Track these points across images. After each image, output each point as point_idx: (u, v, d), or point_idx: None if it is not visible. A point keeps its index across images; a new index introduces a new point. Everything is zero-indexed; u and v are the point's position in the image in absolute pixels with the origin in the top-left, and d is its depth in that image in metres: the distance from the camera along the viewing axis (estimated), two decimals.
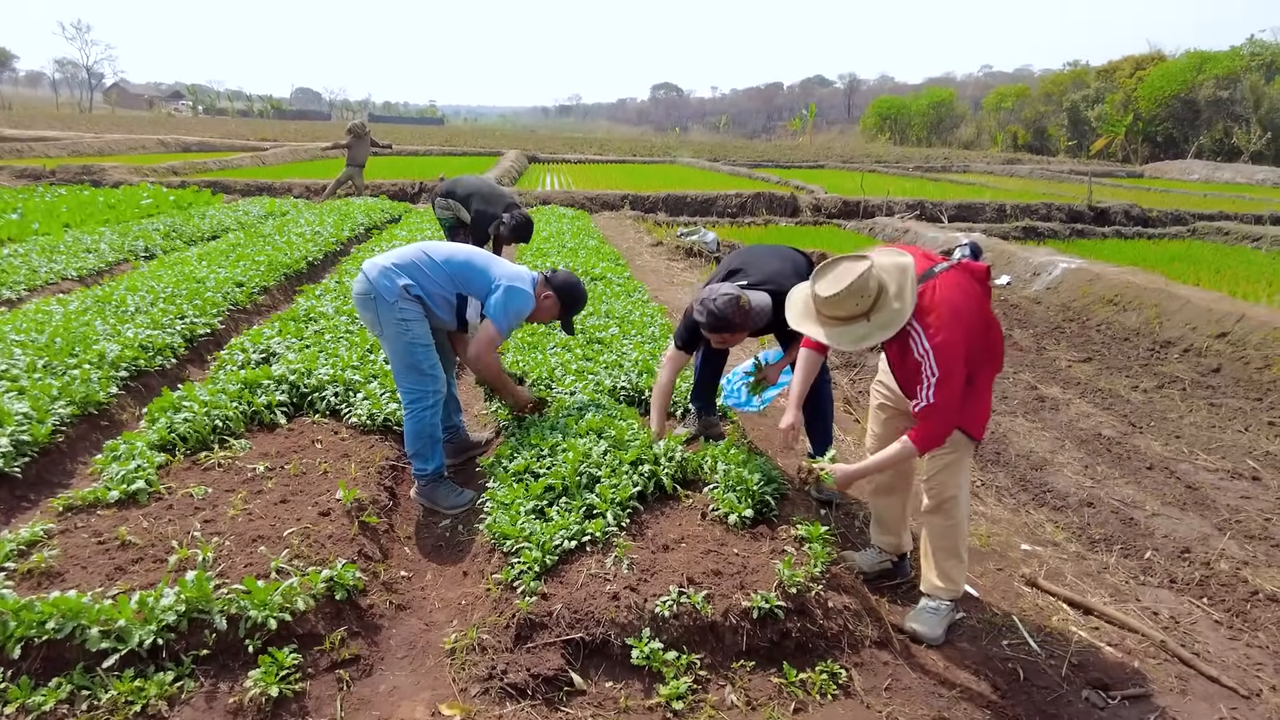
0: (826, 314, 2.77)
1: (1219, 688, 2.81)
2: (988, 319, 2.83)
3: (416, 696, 2.52)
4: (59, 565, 2.78)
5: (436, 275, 3.60)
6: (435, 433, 3.66)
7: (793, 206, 17.08)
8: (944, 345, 2.62)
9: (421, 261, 3.60)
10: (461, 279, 3.65)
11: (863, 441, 3.68)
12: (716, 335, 3.46)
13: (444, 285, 3.62)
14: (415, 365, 3.54)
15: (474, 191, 7.08)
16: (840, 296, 2.66)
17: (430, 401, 3.60)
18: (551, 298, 3.85)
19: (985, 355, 2.84)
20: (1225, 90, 41.53)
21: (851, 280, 2.63)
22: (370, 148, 14.91)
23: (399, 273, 3.50)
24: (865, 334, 2.71)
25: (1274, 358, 6.51)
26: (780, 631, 2.70)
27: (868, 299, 2.68)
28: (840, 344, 2.78)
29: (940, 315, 2.66)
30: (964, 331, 2.67)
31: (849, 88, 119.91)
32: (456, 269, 3.65)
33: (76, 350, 4.68)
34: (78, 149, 23.58)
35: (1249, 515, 4.12)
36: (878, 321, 2.70)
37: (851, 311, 2.70)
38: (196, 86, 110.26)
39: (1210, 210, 17.73)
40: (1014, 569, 3.53)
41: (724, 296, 3.34)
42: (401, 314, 3.48)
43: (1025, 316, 8.63)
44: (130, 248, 8.62)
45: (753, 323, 3.46)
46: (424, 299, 3.56)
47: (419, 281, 3.54)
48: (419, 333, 3.53)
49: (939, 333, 2.63)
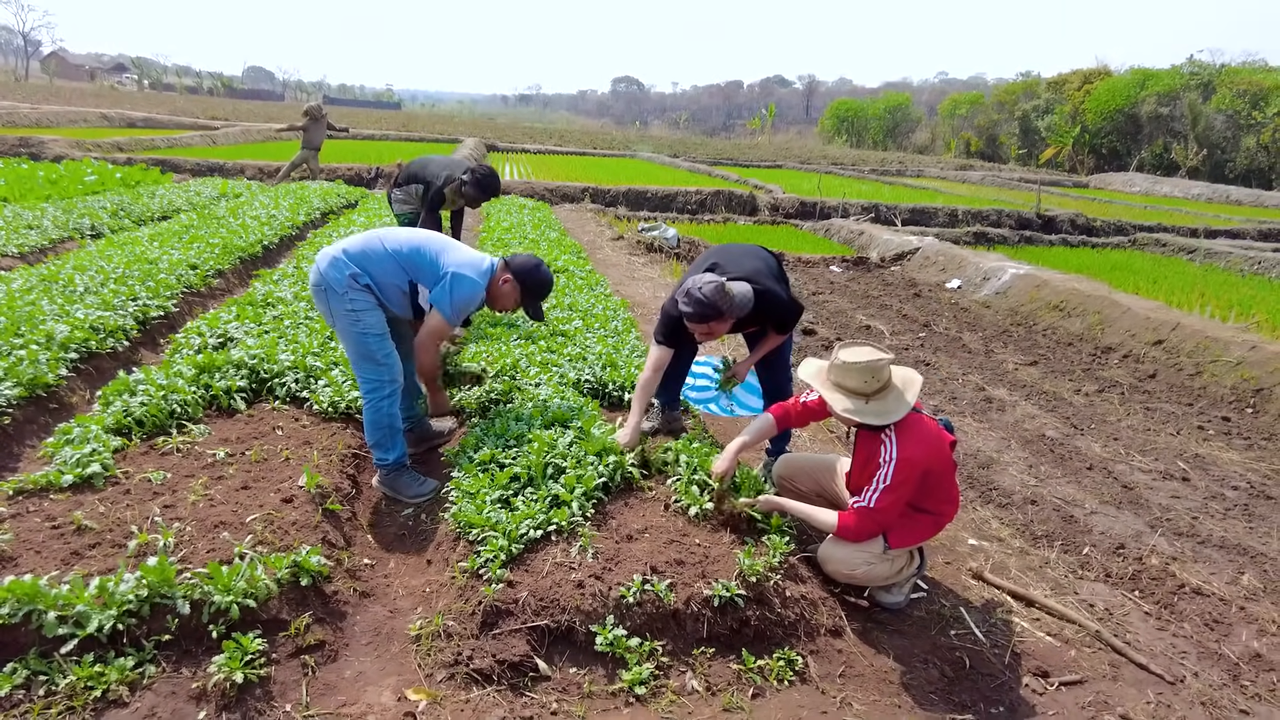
0: (834, 380, 2.99)
1: (1148, 674, 2.98)
2: (952, 467, 3.11)
3: (382, 682, 2.54)
4: (10, 549, 2.72)
5: (387, 264, 3.51)
6: (395, 423, 3.63)
7: (751, 205, 17.26)
8: (908, 461, 2.88)
9: (373, 249, 3.51)
10: (412, 267, 3.55)
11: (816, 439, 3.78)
12: (702, 325, 3.46)
13: (395, 274, 3.53)
14: (369, 355, 3.50)
15: (428, 161, 6.44)
16: (857, 368, 2.89)
17: (387, 391, 3.55)
18: (510, 282, 3.69)
19: (945, 495, 3.10)
20: (1165, 107, 43.08)
21: (872, 359, 2.89)
22: (327, 131, 14.64)
23: (347, 263, 3.43)
24: (858, 410, 2.93)
25: (1204, 365, 6.85)
26: (740, 619, 2.79)
27: (875, 384, 2.91)
28: (835, 407, 2.98)
29: (917, 436, 2.93)
30: (928, 460, 2.92)
31: (808, 89, 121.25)
32: (406, 257, 3.55)
33: (22, 330, 4.54)
34: (13, 120, 22.55)
35: (1178, 514, 4.35)
36: (875, 408, 2.92)
37: (858, 387, 2.92)
38: (141, 59, 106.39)
39: (1150, 222, 18.45)
40: (961, 563, 3.68)
41: (709, 284, 3.37)
42: (351, 304, 3.42)
43: (975, 320, 8.90)
44: (75, 225, 8.33)
45: (736, 312, 3.51)
46: (374, 288, 3.48)
47: (369, 270, 3.46)
48: (370, 322, 3.47)
49: (910, 449, 2.89)
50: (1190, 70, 44.16)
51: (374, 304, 3.50)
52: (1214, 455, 5.25)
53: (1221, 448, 5.41)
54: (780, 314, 3.74)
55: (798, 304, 3.82)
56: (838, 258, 11.95)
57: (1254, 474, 4.97)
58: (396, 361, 3.59)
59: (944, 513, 3.13)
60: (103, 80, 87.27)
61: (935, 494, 3.05)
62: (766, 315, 3.72)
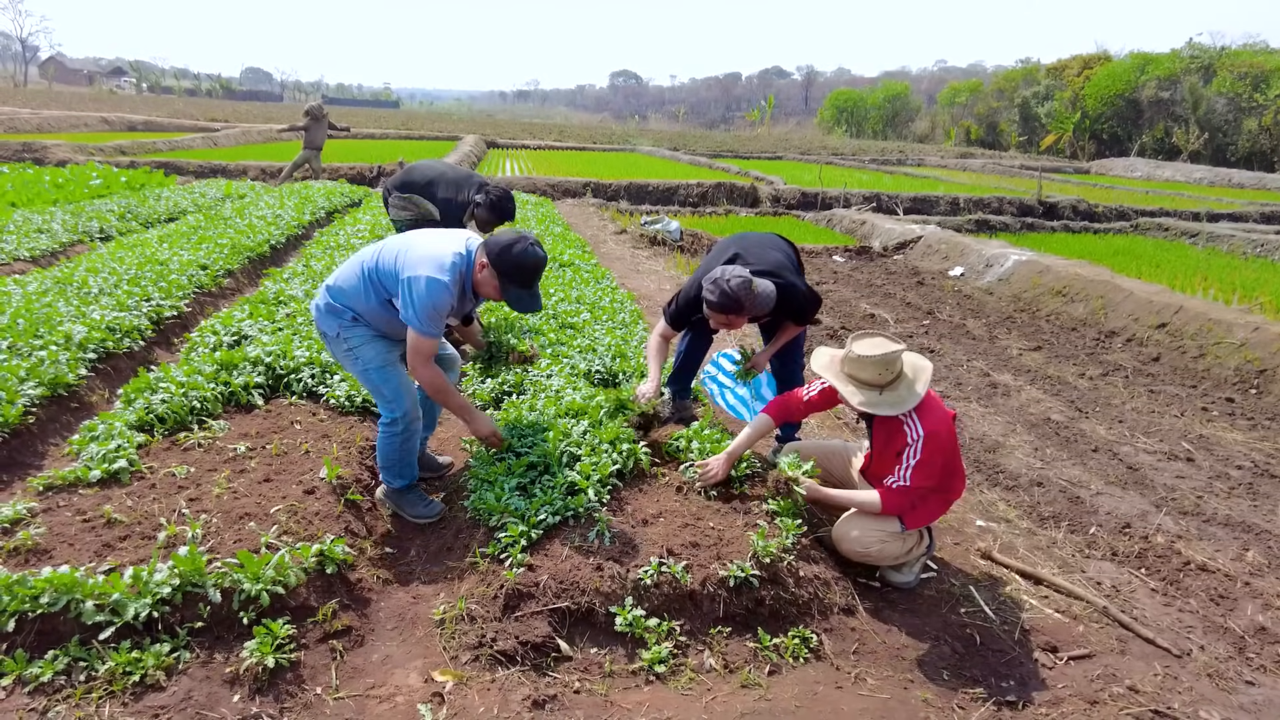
0: (849, 372, 3.07)
1: (1154, 648, 3.04)
2: (957, 443, 3.21)
3: (409, 665, 2.61)
4: (45, 543, 2.80)
5: (365, 290, 3.14)
6: (408, 457, 3.39)
7: (753, 197, 17.29)
8: (935, 435, 2.98)
9: (353, 277, 3.18)
10: (380, 283, 3.14)
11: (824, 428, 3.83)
12: (722, 315, 3.50)
13: (371, 296, 3.15)
14: (375, 390, 3.27)
15: (435, 178, 5.66)
16: (871, 360, 2.96)
17: (399, 429, 3.25)
18: (487, 268, 3.11)
19: (954, 470, 3.18)
20: (1166, 91, 43.01)
21: (885, 352, 2.96)
22: (328, 131, 14.70)
23: (331, 304, 3.18)
24: (874, 402, 3.01)
25: (1208, 348, 6.89)
26: (755, 599, 2.86)
27: (889, 375, 3.00)
28: (851, 400, 3.06)
29: (937, 413, 3.05)
30: (950, 434, 3.03)
31: (807, 80, 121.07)
32: (373, 272, 3.14)
33: (42, 331, 4.61)
34: (14, 125, 22.68)
35: (1183, 493, 4.41)
36: (889, 398, 3.01)
37: (872, 379, 3.01)
38: (140, 63, 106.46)
39: (1152, 207, 18.45)
40: (970, 544, 3.74)
41: (738, 279, 3.42)
42: (346, 344, 3.20)
43: (978, 307, 8.95)
44: (85, 228, 8.41)
45: (757, 308, 3.58)
46: (361, 320, 3.19)
47: (352, 305, 3.17)
48: (369, 356, 3.19)
49: (933, 424, 2.99)
50: (1190, 53, 44.03)
51: (370, 335, 3.21)
52: (1218, 436, 5.31)
53: (1225, 428, 5.47)
54: (800, 307, 3.80)
55: (816, 296, 3.87)
56: (840, 247, 11.99)
57: (1258, 453, 5.02)
58: (406, 398, 3.25)
59: (953, 489, 3.20)
60: (101, 84, 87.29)
61: (946, 470, 3.11)
62: (786, 308, 3.77)
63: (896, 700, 2.61)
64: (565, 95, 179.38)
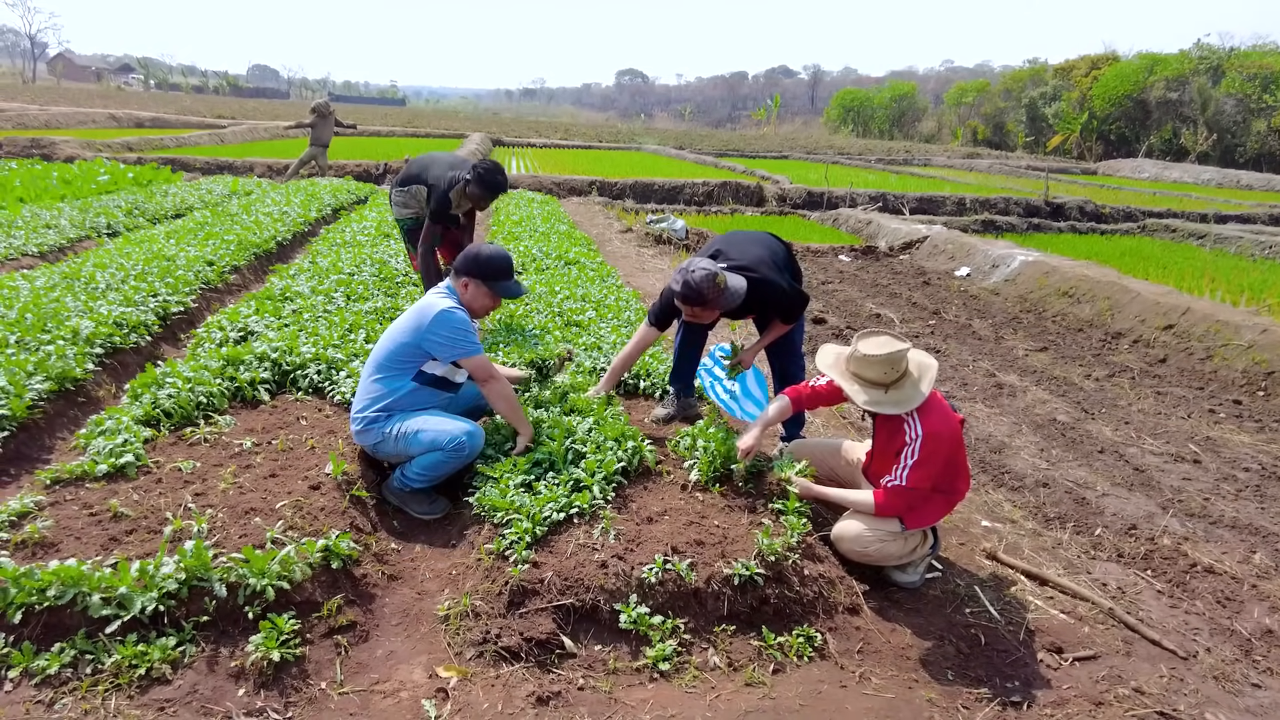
0: (853, 370, 3.08)
1: (1160, 650, 3.03)
2: (963, 445, 3.20)
3: (413, 660, 2.62)
4: (52, 536, 2.81)
5: (389, 382, 3.45)
6: (440, 475, 3.49)
7: (759, 196, 17.28)
8: (934, 436, 2.97)
9: (371, 386, 3.48)
10: (407, 357, 3.46)
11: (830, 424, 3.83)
12: (689, 307, 3.57)
13: (398, 381, 3.46)
14: (449, 436, 3.38)
15: (429, 163, 5.78)
16: (876, 359, 2.96)
17: (465, 453, 3.40)
18: (468, 283, 3.52)
19: (958, 472, 3.17)
20: (1174, 92, 42.80)
21: (890, 351, 2.95)
22: (334, 128, 14.73)
23: (365, 421, 3.45)
24: (878, 400, 3.01)
25: (1215, 349, 6.87)
26: (759, 597, 2.85)
27: (894, 373, 3.00)
28: (856, 399, 3.05)
29: (939, 413, 3.04)
30: (952, 435, 3.02)
31: (813, 79, 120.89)
32: (390, 361, 3.46)
33: (49, 326, 4.62)
34: (22, 121, 22.75)
35: (1190, 495, 4.39)
36: (894, 397, 3.01)
37: (877, 377, 3.01)
38: (147, 60, 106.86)
39: (1159, 208, 18.38)
40: (975, 544, 3.73)
41: (702, 271, 3.47)
42: (397, 433, 3.41)
43: (984, 307, 8.93)
44: (92, 224, 8.43)
45: (725, 303, 3.60)
46: (395, 410, 3.44)
47: (383, 407, 3.43)
48: (419, 423, 3.40)
49: (934, 424, 2.98)
50: (1199, 54, 43.86)
51: (408, 414, 3.44)
52: (1225, 438, 5.29)
53: (1233, 430, 5.44)
54: (780, 303, 3.79)
55: (801, 294, 3.86)
56: (846, 247, 11.97)
57: (1265, 456, 5.00)
58: (458, 440, 3.37)
59: (957, 490, 3.19)
60: (109, 81, 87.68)
61: (949, 471, 3.10)
62: (765, 304, 3.77)
63: (901, 700, 2.61)
64: (571, 94, 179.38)
